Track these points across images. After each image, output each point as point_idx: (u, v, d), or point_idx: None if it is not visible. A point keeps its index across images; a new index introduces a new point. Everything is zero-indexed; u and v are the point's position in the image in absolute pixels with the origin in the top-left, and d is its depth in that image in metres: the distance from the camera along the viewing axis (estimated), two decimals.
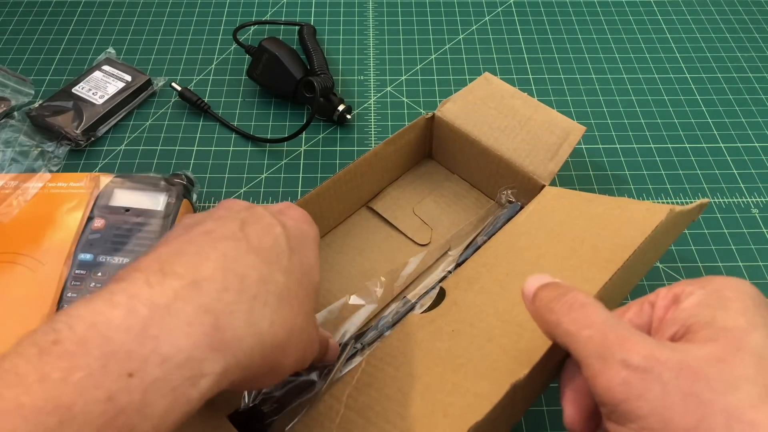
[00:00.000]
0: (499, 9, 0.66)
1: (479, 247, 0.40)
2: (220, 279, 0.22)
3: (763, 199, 0.49)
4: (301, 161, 0.51)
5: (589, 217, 0.37)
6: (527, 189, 0.43)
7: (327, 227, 0.45)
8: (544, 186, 0.41)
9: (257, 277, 0.23)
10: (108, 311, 0.19)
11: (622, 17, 0.65)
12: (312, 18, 0.64)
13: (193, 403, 0.20)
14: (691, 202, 0.36)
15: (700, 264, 0.45)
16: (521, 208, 0.42)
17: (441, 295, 0.36)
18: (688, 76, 0.59)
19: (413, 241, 0.45)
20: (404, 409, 0.30)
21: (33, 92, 0.55)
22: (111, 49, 0.59)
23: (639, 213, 0.34)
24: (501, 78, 0.48)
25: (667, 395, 0.20)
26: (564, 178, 0.50)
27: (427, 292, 0.38)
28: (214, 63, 0.59)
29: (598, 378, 0.22)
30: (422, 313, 0.35)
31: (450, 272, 0.40)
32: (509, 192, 0.44)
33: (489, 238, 0.40)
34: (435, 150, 0.49)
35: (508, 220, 0.41)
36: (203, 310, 0.21)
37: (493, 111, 0.45)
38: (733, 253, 0.46)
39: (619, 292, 0.33)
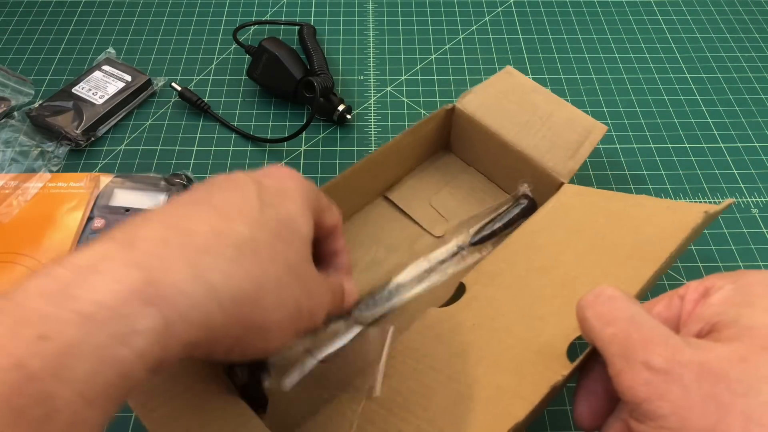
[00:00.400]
0: (499, 9, 0.66)
1: (492, 236, 0.39)
2: (158, 236, 0.21)
3: (763, 199, 0.49)
4: (301, 161, 0.51)
5: (609, 214, 0.37)
6: (545, 186, 0.42)
7: (344, 216, 0.44)
8: (563, 183, 0.41)
9: (208, 230, 0.22)
10: (28, 281, 0.19)
11: (622, 17, 0.65)
12: (312, 18, 0.64)
13: (128, 364, 0.18)
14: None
15: (700, 264, 0.45)
16: (535, 204, 0.42)
17: (461, 291, 0.36)
18: (687, 76, 0.59)
19: (429, 232, 0.45)
20: (427, 401, 0.30)
21: (33, 92, 0.55)
22: (111, 49, 0.59)
23: (660, 211, 0.34)
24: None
25: (688, 397, 0.20)
26: (582, 178, 0.50)
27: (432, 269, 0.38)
28: (214, 63, 0.59)
29: (621, 377, 0.22)
30: (441, 307, 0.35)
31: (461, 248, 0.39)
32: (527, 186, 0.43)
33: (503, 226, 0.39)
34: (453, 142, 0.49)
35: (523, 214, 0.40)
36: (134, 266, 0.19)
37: (514, 105, 0.45)
38: (733, 253, 0.46)
39: (643, 291, 0.33)
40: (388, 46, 0.61)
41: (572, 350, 0.29)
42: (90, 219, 0.42)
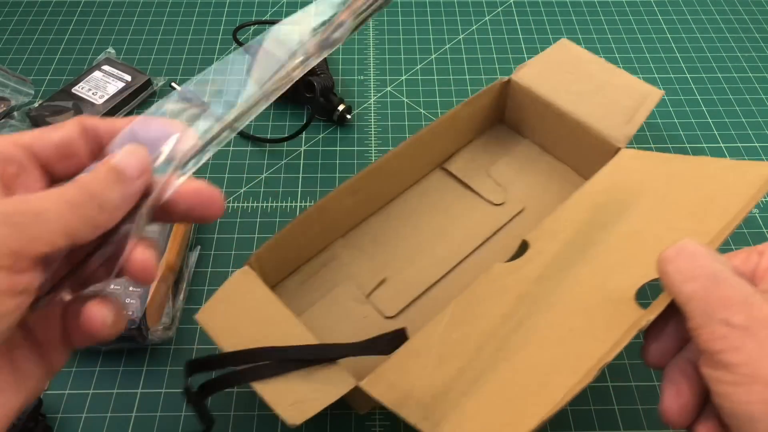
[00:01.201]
0: (499, 9, 0.66)
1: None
2: None
3: (762, 199, 0.49)
4: (301, 161, 0.51)
5: (670, 174, 0.37)
6: (602, 152, 0.43)
7: (402, 187, 0.47)
8: (619, 149, 0.42)
9: None
10: None
11: (622, 17, 0.65)
12: None
13: None
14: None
15: None
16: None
17: (523, 248, 0.36)
18: (688, 76, 0.59)
19: (488, 201, 0.46)
20: (499, 342, 0.31)
21: (33, 92, 0.55)
22: (111, 49, 0.59)
23: (723, 170, 0.35)
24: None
25: (762, 349, 0.22)
26: (640, 144, 0.50)
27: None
28: (214, 63, 0.59)
29: (699, 331, 0.23)
30: (506, 262, 0.36)
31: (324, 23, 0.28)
32: None
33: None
34: (507, 115, 0.50)
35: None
36: None
37: (570, 76, 0.46)
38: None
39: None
40: (388, 46, 0.61)
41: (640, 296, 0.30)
42: None
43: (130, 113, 0.54)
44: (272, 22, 0.63)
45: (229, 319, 0.33)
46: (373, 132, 0.54)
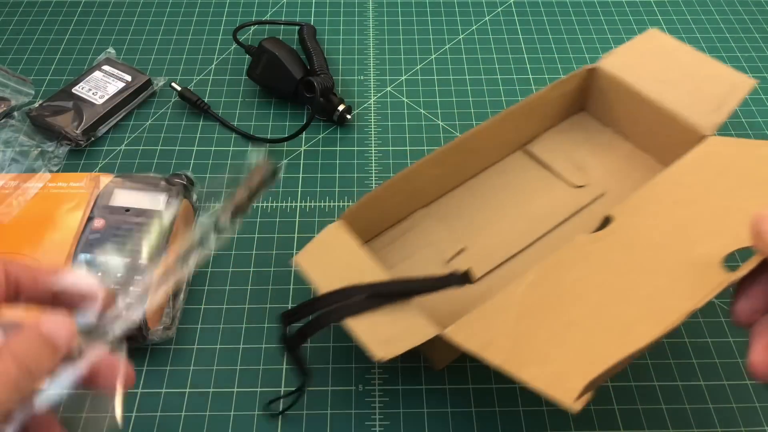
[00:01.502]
0: (499, 9, 0.66)
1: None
2: None
3: None
4: (301, 161, 0.51)
5: (759, 157, 0.38)
6: (687, 140, 0.43)
7: (484, 164, 0.48)
8: (705, 137, 0.42)
9: None
10: None
11: (622, 17, 0.65)
12: (312, 18, 0.64)
13: None
14: None
15: None
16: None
17: (606, 223, 0.37)
18: None
19: (569, 182, 0.47)
20: (583, 300, 0.32)
21: (33, 92, 0.55)
22: (111, 49, 0.59)
23: None
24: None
25: None
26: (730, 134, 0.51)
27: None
28: (214, 63, 0.59)
29: None
30: (590, 233, 0.36)
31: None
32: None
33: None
34: (590, 102, 0.51)
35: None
36: None
37: (657, 64, 0.46)
38: (733, 253, 0.46)
39: None
40: (388, 46, 0.61)
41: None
42: (90, 219, 0.42)
43: (130, 113, 0.54)
44: (272, 23, 0.63)
45: (321, 263, 0.36)
46: (373, 132, 0.54)
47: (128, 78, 0.55)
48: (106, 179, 0.45)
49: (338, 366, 0.39)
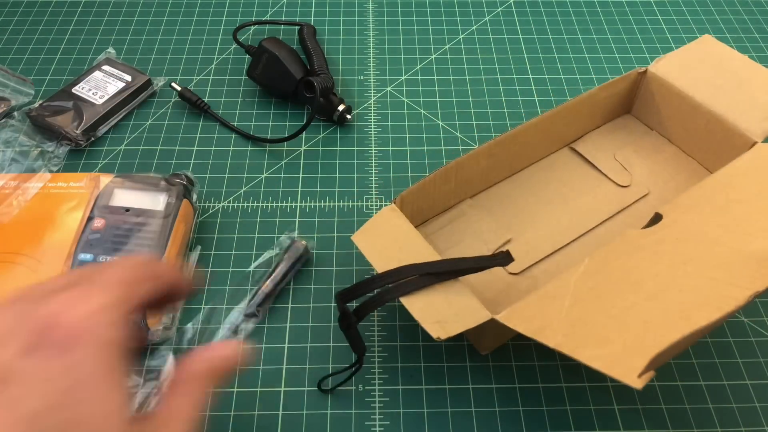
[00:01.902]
0: (499, 9, 0.66)
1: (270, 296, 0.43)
2: None
3: None
4: (301, 161, 0.51)
5: None
6: (736, 146, 0.44)
7: (531, 159, 0.50)
8: (755, 143, 0.42)
9: None
10: None
11: (622, 17, 0.65)
12: (312, 18, 0.64)
13: None
14: None
15: None
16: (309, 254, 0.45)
17: (656, 220, 0.37)
18: None
19: (614, 182, 0.48)
20: (638, 288, 0.32)
21: (33, 92, 0.55)
22: (111, 49, 0.59)
23: None
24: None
25: None
26: None
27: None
28: (214, 63, 0.59)
29: None
30: (643, 229, 0.37)
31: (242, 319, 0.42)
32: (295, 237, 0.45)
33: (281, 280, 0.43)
34: (637, 105, 0.52)
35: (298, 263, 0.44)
36: None
37: (709, 70, 0.47)
38: None
39: None
40: (388, 46, 0.61)
41: None
42: (90, 219, 0.42)
43: (130, 113, 0.54)
44: (272, 23, 0.63)
45: (376, 243, 0.38)
46: (373, 132, 0.54)
47: (128, 78, 0.55)
48: (106, 179, 0.45)
49: (338, 365, 0.39)
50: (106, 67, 0.55)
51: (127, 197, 0.43)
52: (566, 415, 0.38)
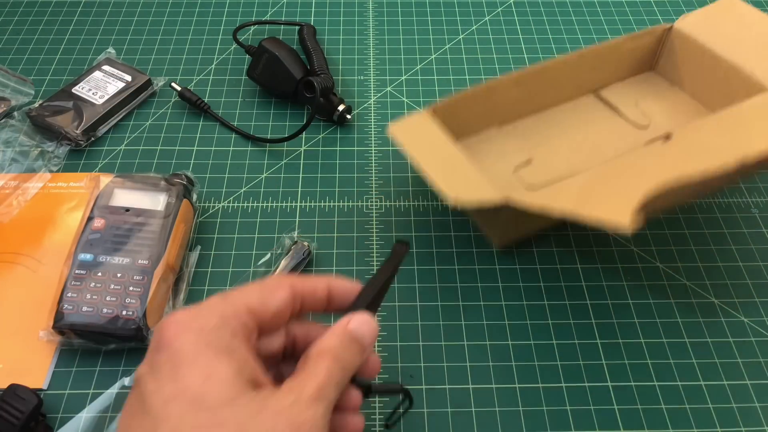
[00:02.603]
0: (499, 9, 0.66)
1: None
2: None
3: (763, 199, 0.49)
4: (301, 161, 0.51)
5: None
6: None
7: (556, 100, 0.51)
8: None
9: None
10: None
11: (622, 17, 0.65)
12: (312, 18, 0.64)
13: None
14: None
15: (700, 264, 0.45)
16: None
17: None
18: None
19: (635, 124, 0.50)
20: (641, 171, 0.36)
21: (33, 92, 0.55)
22: (111, 49, 0.59)
23: None
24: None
25: None
26: None
27: None
28: (214, 63, 0.59)
29: None
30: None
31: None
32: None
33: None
34: (661, 63, 0.53)
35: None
36: None
37: (732, 26, 0.49)
38: (734, 253, 0.46)
39: None
40: (388, 46, 0.61)
41: None
42: (90, 219, 0.42)
43: (130, 113, 0.54)
44: (272, 23, 0.63)
45: (411, 135, 0.41)
46: (373, 132, 0.54)
47: (128, 78, 0.55)
48: (106, 179, 0.45)
49: None
50: (106, 67, 0.55)
51: (127, 197, 0.43)
52: (566, 415, 0.38)
